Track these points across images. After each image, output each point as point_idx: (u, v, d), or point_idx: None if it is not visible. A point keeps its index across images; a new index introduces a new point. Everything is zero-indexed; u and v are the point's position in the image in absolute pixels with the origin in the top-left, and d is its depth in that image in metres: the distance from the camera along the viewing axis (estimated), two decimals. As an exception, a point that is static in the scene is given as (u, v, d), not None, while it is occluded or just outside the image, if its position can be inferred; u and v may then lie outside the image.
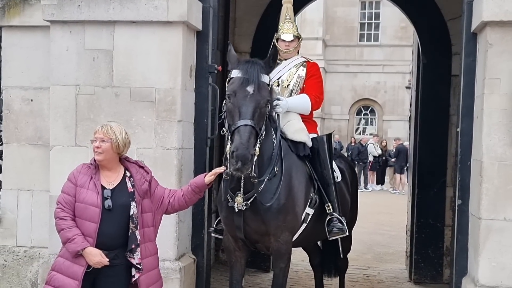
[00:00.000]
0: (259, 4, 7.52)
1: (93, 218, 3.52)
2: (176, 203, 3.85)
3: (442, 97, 7.04)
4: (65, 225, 3.54)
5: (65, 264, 3.56)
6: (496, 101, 4.25)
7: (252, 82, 3.83)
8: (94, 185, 3.60)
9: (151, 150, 4.70)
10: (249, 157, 3.62)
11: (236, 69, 3.95)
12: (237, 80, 3.88)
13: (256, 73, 3.86)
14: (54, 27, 4.84)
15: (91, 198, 3.56)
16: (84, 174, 3.65)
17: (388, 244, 9.83)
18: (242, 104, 3.78)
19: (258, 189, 4.01)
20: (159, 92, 4.69)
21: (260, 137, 3.83)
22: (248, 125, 3.69)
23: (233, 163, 3.63)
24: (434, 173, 7.06)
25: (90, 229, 3.52)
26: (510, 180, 4.23)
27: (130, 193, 3.64)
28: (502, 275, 4.24)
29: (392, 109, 28.13)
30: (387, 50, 28.22)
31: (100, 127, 3.67)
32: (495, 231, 4.25)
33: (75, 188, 3.60)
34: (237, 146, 3.62)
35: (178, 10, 4.60)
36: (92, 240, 3.51)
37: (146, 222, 3.67)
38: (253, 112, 3.77)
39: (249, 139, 3.66)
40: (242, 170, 3.65)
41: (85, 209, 3.55)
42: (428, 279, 7.11)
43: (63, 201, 3.60)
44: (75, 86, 4.80)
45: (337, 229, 4.59)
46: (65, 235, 3.53)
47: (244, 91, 3.82)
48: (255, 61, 3.99)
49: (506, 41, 4.22)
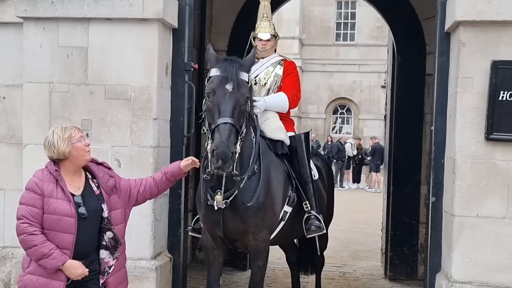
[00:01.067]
0: (235, 2, 7.51)
1: (69, 229, 3.29)
2: (148, 192, 3.70)
3: (416, 96, 7.12)
4: (37, 240, 3.26)
5: (40, 282, 3.31)
6: (469, 100, 4.32)
7: (231, 80, 3.83)
8: (62, 193, 3.34)
9: (127, 148, 4.67)
10: (229, 154, 3.61)
11: (214, 68, 3.94)
12: (216, 78, 3.87)
13: (235, 70, 3.86)
14: (27, 23, 4.77)
15: (64, 208, 3.30)
16: (49, 182, 3.36)
17: (364, 242, 9.92)
18: (221, 102, 3.77)
19: (240, 187, 4.00)
20: (134, 90, 4.66)
21: (241, 135, 3.83)
22: (228, 123, 3.68)
23: (214, 161, 3.62)
24: (409, 171, 7.14)
25: (67, 241, 3.29)
26: (482, 178, 4.30)
27: (97, 195, 3.45)
28: (474, 271, 4.31)
29: (368, 108, 28.34)
30: (363, 49, 28.43)
31: (75, 128, 3.49)
32: (468, 228, 4.32)
33: (42, 198, 3.31)
34: (217, 144, 3.61)
35: (153, 7, 4.57)
36: (69, 252, 3.30)
37: (115, 221, 3.49)
38: (233, 110, 3.76)
39: (229, 137, 3.65)
40: (223, 168, 3.63)
41: (58, 220, 3.29)
42: (403, 275, 7.19)
43: (29, 215, 3.29)
44: (48, 83, 4.74)
45: (315, 227, 4.62)
46: (40, 251, 3.26)
47: (223, 89, 3.82)
48: (234, 59, 3.98)
49: (479, 41, 4.28)
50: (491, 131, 4.25)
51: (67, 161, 3.42)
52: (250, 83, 4.03)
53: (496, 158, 4.29)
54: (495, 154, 4.29)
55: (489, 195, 4.30)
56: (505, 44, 4.25)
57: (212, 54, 4.06)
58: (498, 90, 4.22)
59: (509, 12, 4.19)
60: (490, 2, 4.21)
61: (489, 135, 4.25)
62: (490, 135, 4.25)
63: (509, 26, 4.23)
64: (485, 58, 4.25)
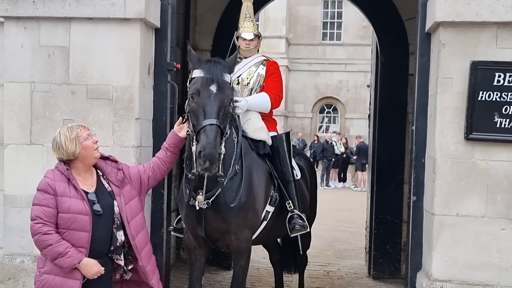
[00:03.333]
0: (219, 2, 7.52)
1: (85, 227, 3.32)
2: (158, 173, 3.80)
3: (399, 96, 7.18)
4: (52, 239, 3.29)
5: (57, 281, 3.34)
6: (449, 100, 4.36)
7: (216, 81, 3.83)
8: (75, 191, 3.38)
9: (109, 148, 4.64)
10: (217, 156, 3.63)
11: (198, 69, 3.94)
12: (200, 79, 3.87)
13: (219, 72, 3.86)
14: (8, 23, 4.74)
15: (78, 206, 3.33)
16: (61, 181, 3.40)
17: (348, 241, 9.97)
18: (206, 104, 3.77)
19: (223, 186, 4.02)
20: (116, 90, 4.64)
21: (225, 136, 3.85)
22: (214, 124, 3.69)
23: (201, 162, 3.62)
24: (392, 170, 7.20)
25: (83, 239, 3.32)
26: (462, 177, 4.35)
27: (109, 192, 3.51)
28: (454, 270, 4.36)
29: (354, 108, 28.49)
30: (349, 49, 28.57)
31: (81, 126, 3.53)
32: (447, 227, 4.36)
33: (55, 198, 3.34)
34: (204, 145, 3.61)
35: (135, 7, 4.56)
36: (85, 250, 3.32)
37: (133, 212, 3.52)
38: (218, 111, 3.77)
39: (215, 138, 3.65)
40: (210, 169, 3.64)
41: (73, 219, 3.32)
42: (386, 274, 7.25)
43: (43, 215, 3.32)
44: (30, 83, 4.71)
45: (299, 226, 4.64)
46: (55, 250, 3.29)
47: (208, 90, 3.81)
48: (217, 60, 3.99)
49: (458, 41, 4.33)
50: (470, 131, 4.29)
51: (77, 161, 3.47)
52: (232, 84, 4.04)
53: (476, 157, 4.34)
54: (475, 153, 4.34)
55: (468, 194, 4.35)
56: (484, 45, 4.30)
57: (194, 55, 4.06)
58: (477, 90, 4.27)
59: (488, 13, 4.24)
60: (469, 3, 4.25)
61: (469, 135, 4.30)
62: (469, 135, 4.30)
63: (487, 27, 4.28)
64: (464, 59, 4.30)
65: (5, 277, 4.66)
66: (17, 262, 4.70)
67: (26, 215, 4.66)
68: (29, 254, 4.70)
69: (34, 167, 4.66)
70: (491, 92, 4.25)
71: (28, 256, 4.70)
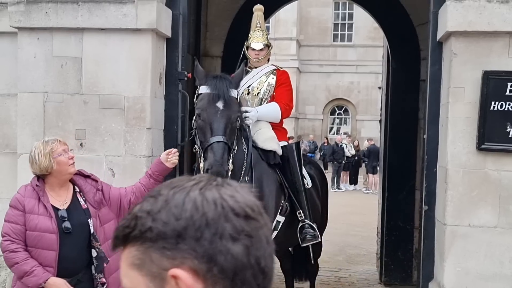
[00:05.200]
0: (230, 8, 7.53)
1: (51, 246, 3.22)
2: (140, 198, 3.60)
3: (411, 101, 7.15)
4: (19, 257, 3.20)
5: None
6: (461, 110, 4.34)
7: (222, 98, 3.84)
8: (44, 209, 3.27)
9: (121, 158, 4.68)
10: (224, 173, 3.64)
11: (204, 85, 3.95)
12: (206, 96, 3.88)
13: (225, 88, 3.87)
14: (22, 33, 4.78)
15: (45, 224, 3.23)
16: (30, 198, 3.30)
17: (359, 246, 9.95)
18: (213, 121, 3.78)
19: None
20: (128, 100, 4.67)
21: (233, 152, 3.85)
22: (221, 142, 3.70)
23: None
24: (403, 176, 7.17)
25: (49, 258, 3.21)
26: (474, 187, 4.33)
27: (84, 210, 3.38)
28: (466, 280, 4.34)
29: (365, 109, 28.39)
30: (360, 50, 28.48)
31: (56, 141, 3.41)
32: (459, 237, 4.34)
33: (24, 215, 3.25)
34: (211, 163, 3.63)
35: (147, 17, 4.59)
36: (52, 269, 3.21)
37: (106, 235, 3.38)
38: (225, 128, 3.78)
39: (223, 155, 3.67)
40: None
41: (39, 237, 3.22)
42: (398, 281, 7.22)
43: (11, 232, 3.23)
44: (43, 93, 4.75)
45: (310, 236, 4.65)
46: (21, 268, 3.20)
47: (215, 107, 3.83)
48: (223, 76, 4.00)
49: (470, 51, 4.30)
50: (482, 141, 4.27)
51: (51, 176, 3.37)
52: (239, 98, 4.05)
53: (488, 167, 4.32)
54: (487, 164, 4.31)
55: (480, 205, 4.32)
56: (496, 55, 4.27)
57: (201, 70, 4.07)
58: (490, 100, 4.24)
59: (500, 22, 4.22)
60: (481, 13, 4.23)
61: (481, 145, 4.28)
62: (481, 145, 4.28)
63: (500, 37, 4.25)
64: (476, 68, 4.27)
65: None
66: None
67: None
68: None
69: (47, 176, 4.70)
70: (503, 102, 4.23)
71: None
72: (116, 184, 4.66)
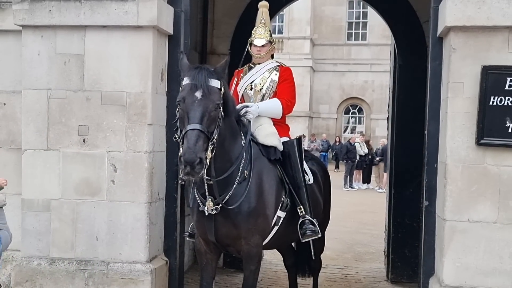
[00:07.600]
0: (237, 6, 7.56)
1: None
2: None
3: (417, 99, 7.07)
4: None
5: None
6: (460, 105, 4.33)
7: (200, 87, 3.85)
8: None
9: (122, 153, 4.75)
10: (196, 160, 3.60)
11: (185, 77, 3.99)
12: (186, 86, 3.91)
13: (203, 78, 3.87)
14: (26, 31, 4.87)
15: None
16: None
17: (369, 243, 9.90)
18: (190, 109, 3.79)
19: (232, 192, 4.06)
20: (129, 96, 4.74)
21: (212, 140, 3.84)
22: (196, 129, 3.69)
23: (182, 167, 3.65)
24: (410, 173, 7.11)
25: None
26: (473, 182, 4.31)
27: None
28: (465, 275, 4.32)
29: (380, 108, 28.23)
30: (374, 49, 28.35)
31: None
32: (459, 232, 4.33)
33: None
34: (184, 151, 3.63)
35: (148, 15, 4.64)
36: None
37: None
38: (201, 116, 3.76)
39: (196, 143, 3.65)
40: (192, 174, 3.64)
41: None
42: (404, 278, 7.18)
43: None
44: (46, 90, 4.84)
45: (310, 231, 4.65)
46: None
47: (192, 96, 3.83)
48: (203, 66, 4.00)
49: (469, 46, 4.29)
50: (481, 136, 4.26)
51: None
52: (224, 89, 4.04)
53: (487, 163, 4.30)
54: (486, 159, 4.30)
55: (480, 200, 4.31)
56: (495, 49, 4.25)
57: (185, 63, 4.08)
58: (489, 95, 4.23)
59: (499, 17, 4.20)
60: (480, 8, 4.21)
61: (480, 140, 4.26)
62: (480, 140, 4.26)
63: (499, 31, 4.23)
64: (475, 63, 4.26)
65: (22, 279, 4.80)
66: (34, 265, 4.83)
67: (43, 219, 4.82)
68: (46, 257, 4.83)
69: (50, 172, 4.80)
70: (503, 97, 4.21)
71: (45, 259, 4.83)
72: (118, 179, 4.75)
